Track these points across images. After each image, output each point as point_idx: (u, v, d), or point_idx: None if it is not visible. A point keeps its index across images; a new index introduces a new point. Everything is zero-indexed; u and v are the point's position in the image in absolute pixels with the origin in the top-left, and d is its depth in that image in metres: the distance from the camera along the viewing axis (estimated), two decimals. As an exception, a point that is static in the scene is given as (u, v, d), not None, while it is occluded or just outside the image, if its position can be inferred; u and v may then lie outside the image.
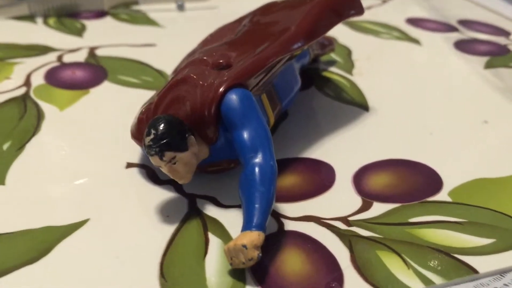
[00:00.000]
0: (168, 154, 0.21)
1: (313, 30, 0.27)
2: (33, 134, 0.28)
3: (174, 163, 0.22)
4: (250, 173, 0.21)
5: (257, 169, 0.21)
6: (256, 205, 0.20)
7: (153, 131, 0.22)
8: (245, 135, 0.22)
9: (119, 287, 0.20)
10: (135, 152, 0.27)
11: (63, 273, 0.20)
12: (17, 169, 0.26)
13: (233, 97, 0.23)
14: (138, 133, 0.25)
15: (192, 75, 0.24)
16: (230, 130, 0.23)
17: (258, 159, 0.21)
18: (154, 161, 0.22)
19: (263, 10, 0.32)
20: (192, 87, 0.24)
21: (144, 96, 0.31)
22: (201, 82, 0.24)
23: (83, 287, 0.20)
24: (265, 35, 0.27)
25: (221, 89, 0.23)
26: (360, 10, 0.30)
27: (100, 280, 0.20)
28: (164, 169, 0.22)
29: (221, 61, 0.25)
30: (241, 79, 0.23)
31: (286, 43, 0.26)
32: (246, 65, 0.24)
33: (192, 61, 0.26)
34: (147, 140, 0.22)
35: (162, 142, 0.21)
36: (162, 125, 0.22)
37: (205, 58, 0.26)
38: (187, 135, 0.22)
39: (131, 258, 0.21)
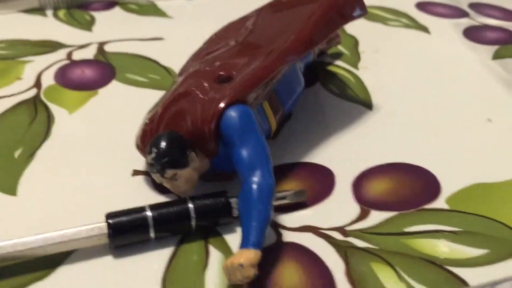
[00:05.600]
0: (169, 172, 0.22)
1: (315, 36, 0.27)
2: (44, 139, 0.29)
3: (176, 179, 0.23)
4: (248, 191, 0.22)
5: (254, 187, 0.22)
6: (254, 223, 0.21)
7: (154, 150, 0.22)
8: (244, 153, 0.23)
9: (124, 301, 0.21)
10: (141, 159, 0.27)
11: (73, 285, 0.21)
12: (28, 178, 0.27)
13: (232, 115, 0.23)
14: (142, 145, 0.26)
15: (193, 88, 0.25)
16: (229, 147, 0.23)
17: (256, 177, 0.22)
18: (156, 178, 0.23)
19: (268, 9, 0.32)
20: (193, 102, 0.24)
21: (151, 96, 0.31)
22: (201, 96, 0.24)
23: (90, 302, 0.21)
24: (267, 42, 0.27)
25: (220, 106, 0.23)
26: (364, 12, 0.30)
27: (106, 294, 0.21)
28: (166, 185, 0.23)
29: (221, 73, 0.26)
30: (241, 94, 0.24)
31: (288, 53, 0.26)
32: (246, 79, 0.25)
33: (194, 72, 0.26)
34: (149, 158, 0.22)
35: (163, 160, 0.22)
36: (163, 144, 0.22)
37: (207, 69, 0.26)
38: (187, 152, 0.23)
39: (135, 273, 0.22)
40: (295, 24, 0.28)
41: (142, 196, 0.26)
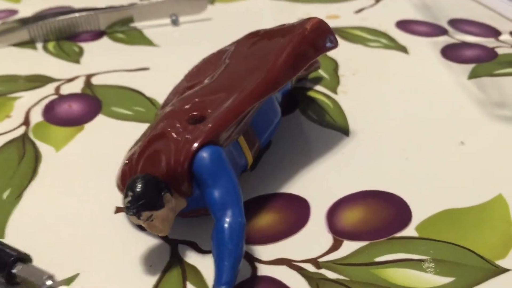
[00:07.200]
0: (145, 214, 0.23)
1: (284, 75, 0.28)
2: (31, 179, 0.30)
3: (152, 220, 0.24)
4: (219, 231, 0.23)
5: (226, 226, 0.23)
6: (225, 262, 0.22)
7: (130, 193, 0.23)
8: (215, 193, 0.24)
9: None
10: (123, 196, 0.29)
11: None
12: (16, 220, 0.28)
13: (203, 156, 0.24)
14: (122, 185, 0.27)
15: (168, 129, 0.26)
16: (201, 187, 0.24)
17: (227, 217, 0.23)
18: (133, 220, 0.24)
19: (245, 41, 0.33)
20: (168, 143, 0.25)
21: (136, 130, 0.32)
22: (175, 137, 0.25)
23: None
24: (240, 79, 0.28)
25: (192, 148, 0.24)
26: (335, 44, 0.31)
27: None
28: (144, 225, 0.24)
29: (195, 113, 0.27)
30: (213, 135, 0.25)
31: (258, 92, 0.27)
32: (217, 119, 0.26)
33: (170, 112, 0.27)
34: (125, 201, 0.23)
35: (139, 203, 0.23)
36: (138, 187, 0.24)
37: (182, 108, 0.27)
38: (162, 193, 0.24)
39: (116, 311, 0.23)
40: (266, 61, 0.29)
41: (123, 234, 0.27)
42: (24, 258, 0.24)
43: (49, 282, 0.23)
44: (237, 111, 0.26)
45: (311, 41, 0.30)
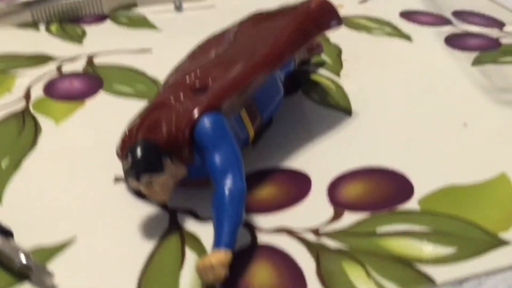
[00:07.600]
0: (145, 177, 0.23)
1: (288, 49, 0.28)
2: (30, 150, 0.30)
3: (151, 185, 0.23)
4: (220, 195, 0.23)
5: (226, 191, 0.23)
6: (225, 225, 0.22)
7: (130, 156, 0.23)
8: (216, 158, 0.24)
9: (101, 302, 0.22)
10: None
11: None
12: (14, 187, 0.28)
13: (205, 122, 0.24)
14: (122, 154, 0.26)
15: (170, 99, 0.26)
16: (202, 153, 0.24)
17: (227, 181, 0.23)
18: (133, 184, 0.23)
19: (249, 21, 0.33)
20: (169, 111, 0.25)
21: (136, 107, 0.33)
22: (177, 106, 0.25)
23: (68, 303, 0.22)
24: (244, 54, 0.28)
25: (194, 115, 0.24)
26: (339, 22, 0.31)
27: (84, 295, 0.22)
28: (143, 191, 0.24)
29: (197, 83, 0.27)
30: (214, 103, 0.25)
31: (262, 64, 0.27)
32: (219, 88, 0.26)
33: (172, 84, 0.27)
34: (125, 165, 0.23)
35: (139, 165, 0.23)
36: (138, 150, 0.23)
37: (184, 80, 0.27)
38: (163, 158, 0.24)
39: (112, 276, 0.23)
40: (270, 37, 0.28)
41: (122, 202, 0.27)
42: (6, 233, 0.23)
43: (24, 260, 0.22)
44: (240, 82, 0.26)
45: (315, 18, 0.30)
